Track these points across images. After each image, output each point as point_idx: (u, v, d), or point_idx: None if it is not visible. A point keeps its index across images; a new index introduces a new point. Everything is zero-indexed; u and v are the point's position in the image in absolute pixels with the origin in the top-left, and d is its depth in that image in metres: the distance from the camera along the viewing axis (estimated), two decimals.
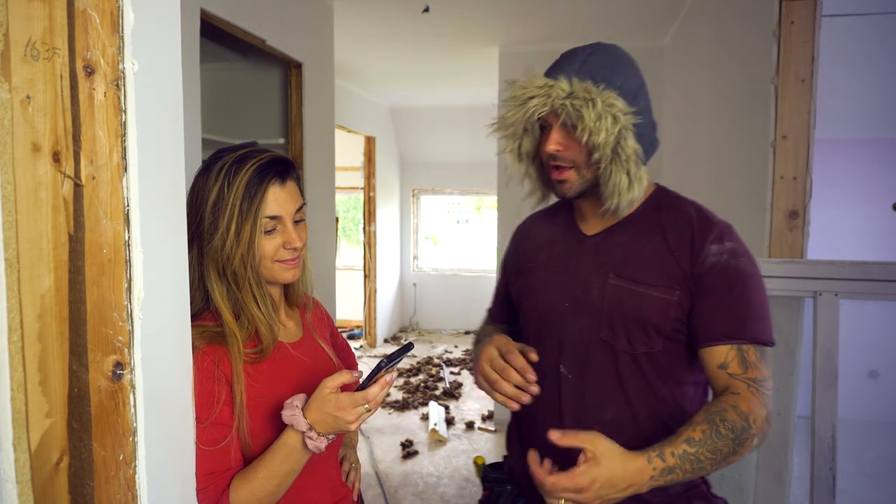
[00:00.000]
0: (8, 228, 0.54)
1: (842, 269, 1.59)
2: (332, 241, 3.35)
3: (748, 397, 0.96)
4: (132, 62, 0.62)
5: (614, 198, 1.02)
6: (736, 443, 0.92)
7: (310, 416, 0.88)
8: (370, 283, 5.98)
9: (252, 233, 0.94)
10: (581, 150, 1.03)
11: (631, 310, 1.03)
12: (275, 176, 0.96)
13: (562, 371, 1.09)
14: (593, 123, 0.98)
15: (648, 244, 1.06)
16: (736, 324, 0.99)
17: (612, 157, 1.00)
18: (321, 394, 0.89)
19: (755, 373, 0.97)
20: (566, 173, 1.05)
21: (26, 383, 0.56)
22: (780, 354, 1.71)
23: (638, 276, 1.04)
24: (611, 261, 1.08)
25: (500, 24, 3.55)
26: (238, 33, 2.39)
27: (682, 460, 0.91)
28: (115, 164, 0.61)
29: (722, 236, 1.03)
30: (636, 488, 0.89)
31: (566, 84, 1.01)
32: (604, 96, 0.99)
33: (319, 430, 0.88)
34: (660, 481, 0.90)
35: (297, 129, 2.93)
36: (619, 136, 0.99)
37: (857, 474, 3.19)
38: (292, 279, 1.02)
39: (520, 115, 1.06)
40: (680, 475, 0.91)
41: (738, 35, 2.20)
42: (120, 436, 0.63)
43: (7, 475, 0.55)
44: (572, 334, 1.09)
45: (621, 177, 1.01)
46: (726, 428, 0.92)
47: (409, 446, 3.72)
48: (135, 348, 0.64)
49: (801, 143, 1.75)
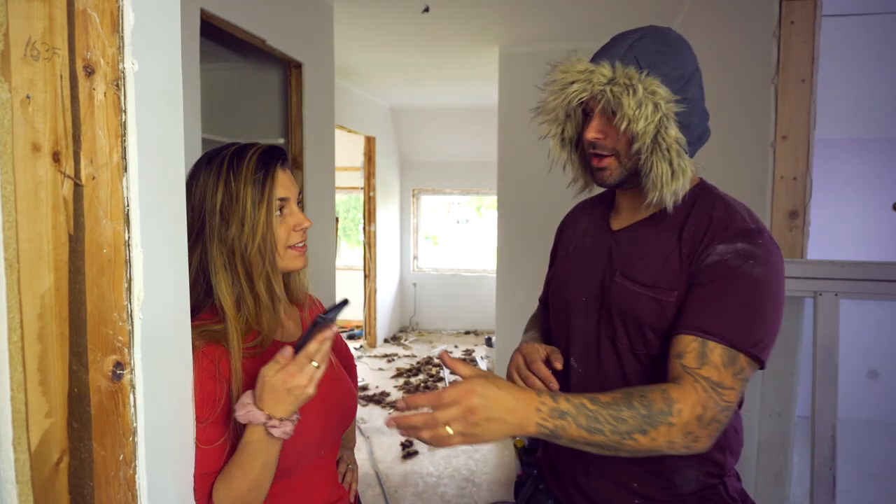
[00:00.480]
0: (8, 228, 0.54)
1: (842, 269, 1.59)
2: (332, 241, 3.35)
3: (687, 390, 0.86)
4: (132, 62, 0.62)
5: (656, 190, 0.97)
6: (645, 421, 0.83)
7: (264, 405, 0.85)
8: (370, 283, 5.98)
9: (268, 217, 0.95)
10: (622, 137, 0.99)
11: (629, 310, 1.01)
12: (279, 160, 0.99)
13: (572, 363, 1.10)
14: (633, 111, 0.93)
15: (661, 243, 1.02)
16: (709, 317, 0.91)
17: (653, 146, 0.95)
18: (265, 381, 0.85)
19: (712, 373, 0.88)
20: (606, 161, 1.02)
21: (26, 383, 0.56)
22: (780, 354, 1.71)
23: (639, 276, 1.02)
24: (622, 259, 1.06)
25: (500, 24, 3.54)
26: (238, 33, 2.39)
27: (577, 410, 0.83)
28: (115, 164, 0.61)
29: (735, 238, 0.94)
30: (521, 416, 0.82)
31: (608, 69, 0.97)
32: (646, 83, 0.94)
33: (280, 415, 0.85)
34: (549, 423, 0.83)
35: (297, 129, 2.93)
36: (660, 124, 0.94)
37: (857, 474, 3.19)
38: (302, 266, 1.03)
39: (560, 101, 1.02)
40: (572, 426, 0.83)
41: (738, 35, 2.20)
42: (120, 436, 0.63)
43: (7, 475, 0.55)
44: (583, 328, 1.09)
45: (663, 167, 0.96)
46: (640, 403, 0.85)
47: (409, 446, 3.72)
48: (135, 348, 0.64)
49: (801, 143, 1.75)
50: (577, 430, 0.83)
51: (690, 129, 1.00)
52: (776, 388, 1.71)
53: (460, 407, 0.81)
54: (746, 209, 1.02)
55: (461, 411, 0.81)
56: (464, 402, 0.81)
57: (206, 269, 0.96)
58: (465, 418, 0.81)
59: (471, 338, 6.63)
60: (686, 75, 1.00)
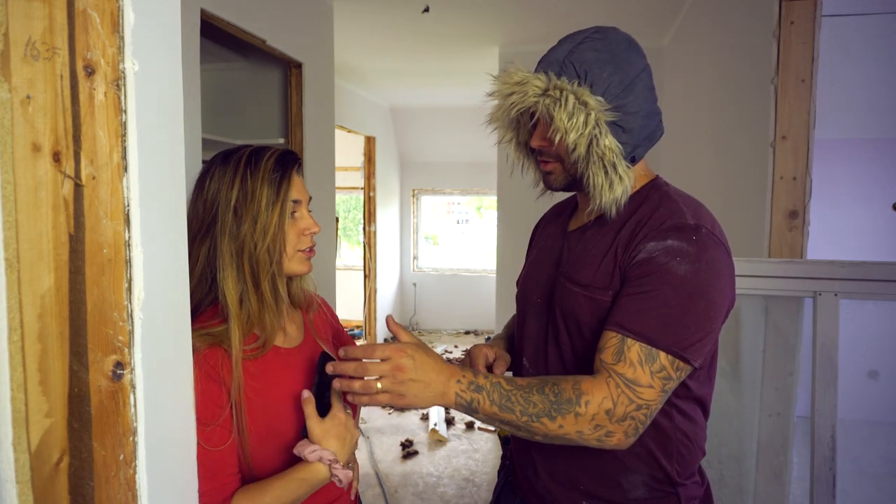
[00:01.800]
0: (8, 228, 0.54)
1: (842, 269, 1.59)
2: (332, 241, 3.35)
3: (599, 384, 0.88)
4: (132, 62, 0.62)
5: (596, 198, 0.98)
6: (553, 408, 0.86)
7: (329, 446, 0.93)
8: (370, 283, 5.98)
9: (280, 218, 0.97)
10: (562, 145, 0.98)
11: (569, 310, 1.02)
12: (294, 164, 1.01)
13: (524, 363, 1.13)
14: (564, 122, 0.93)
15: (601, 244, 1.01)
16: (630, 315, 0.90)
17: (587, 156, 0.95)
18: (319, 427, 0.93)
19: (626, 369, 0.88)
20: (551, 166, 1.04)
21: (26, 383, 0.56)
22: (780, 354, 1.71)
23: (579, 278, 1.01)
24: (569, 259, 1.07)
25: (500, 24, 3.55)
26: (238, 33, 2.39)
27: (492, 387, 0.89)
28: (116, 164, 0.61)
29: (668, 234, 0.92)
30: (443, 384, 0.89)
31: (542, 80, 0.97)
32: (578, 92, 0.93)
33: (341, 459, 0.93)
34: (466, 395, 0.88)
35: (297, 129, 2.93)
36: (593, 134, 0.93)
37: (857, 474, 3.19)
38: (307, 271, 1.05)
39: (501, 111, 1.06)
40: (486, 401, 0.88)
41: (738, 35, 2.20)
42: (120, 436, 0.63)
43: (7, 475, 0.55)
44: (534, 329, 1.11)
45: (600, 177, 0.96)
46: (551, 390, 0.88)
47: (409, 446, 3.71)
48: (135, 348, 0.64)
49: (801, 143, 1.75)
50: (489, 406, 0.88)
51: (633, 133, 0.98)
52: (776, 388, 1.71)
53: (390, 364, 0.87)
54: (695, 206, 0.99)
55: (390, 367, 0.87)
56: (394, 358, 0.87)
57: (213, 263, 0.95)
58: (394, 375, 0.87)
59: (471, 338, 6.63)
60: (627, 79, 0.97)
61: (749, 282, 1.64)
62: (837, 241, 3.80)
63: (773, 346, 1.72)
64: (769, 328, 1.72)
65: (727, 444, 1.77)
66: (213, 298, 0.97)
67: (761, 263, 1.65)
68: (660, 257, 0.91)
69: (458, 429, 4.05)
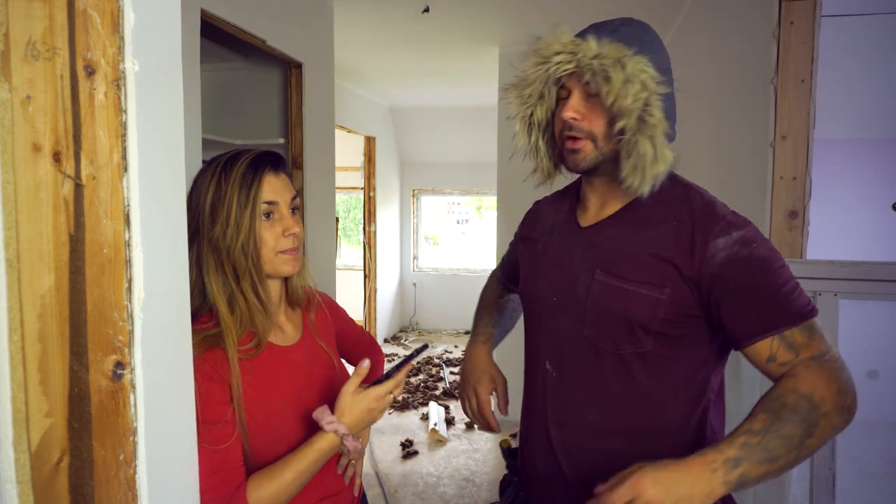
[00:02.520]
0: (8, 228, 0.54)
1: (842, 269, 1.59)
2: (332, 241, 3.35)
3: (806, 376, 0.87)
4: (132, 62, 0.62)
5: (637, 174, 0.94)
6: (807, 424, 0.83)
7: (345, 418, 0.96)
8: (370, 283, 5.98)
9: (252, 220, 0.97)
10: (602, 119, 0.95)
11: (616, 308, 0.97)
12: (268, 165, 1.01)
13: (547, 368, 1.06)
14: (620, 86, 0.90)
15: (642, 239, 0.98)
16: (769, 315, 0.90)
17: (638, 125, 0.92)
18: (348, 398, 0.97)
19: (808, 352, 0.89)
20: (581, 143, 0.97)
21: (26, 383, 0.56)
22: None
23: (626, 273, 0.97)
24: (601, 256, 1.01)
25: (500, 24, 3.55)
26: (238, 33, 2.39)
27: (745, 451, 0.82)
28: (116, 164, 0.61)
29: (727, 228, 0.94)
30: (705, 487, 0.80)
31: (595, 44, 0.94)
32: (634, 60, 0.91)
33: (355, 430, 0.97)
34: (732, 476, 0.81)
35: (297, 129, 2.93)
36: (647, 103, 0.91)
37: (857, 474, 3.19)
38: (293, 272, 1.04)
39: (541, 73, 0.98)
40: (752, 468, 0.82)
41: (737, 35, 2.20)
42: (120, 436, 0.63)
43: (7, 475, 0.55)
44: (558, 331, 1.05)
45: (646, 147, 0.92)
46: (789, 412, 0.84)
47: (409, 446, 3.71)
48: (135, 348, 0.64)
49: (801, 143, 1.75)
50: (758, 468, 0.82)
51: (669, 114, 0.98)
52: None
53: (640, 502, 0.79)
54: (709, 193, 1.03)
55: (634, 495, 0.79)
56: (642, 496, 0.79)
57: (200, 268, 0.98)
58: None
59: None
60: (668, 62, 0.99)
61: None
62: (837, 241, 3.81)
63: None
64: None
65: None
66: (211, 301, 0.98)
67: None
68: (740, 251, 0.92)
69: (458, 429, 4.05)
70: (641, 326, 0.96)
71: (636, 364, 0.97)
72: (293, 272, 1.04)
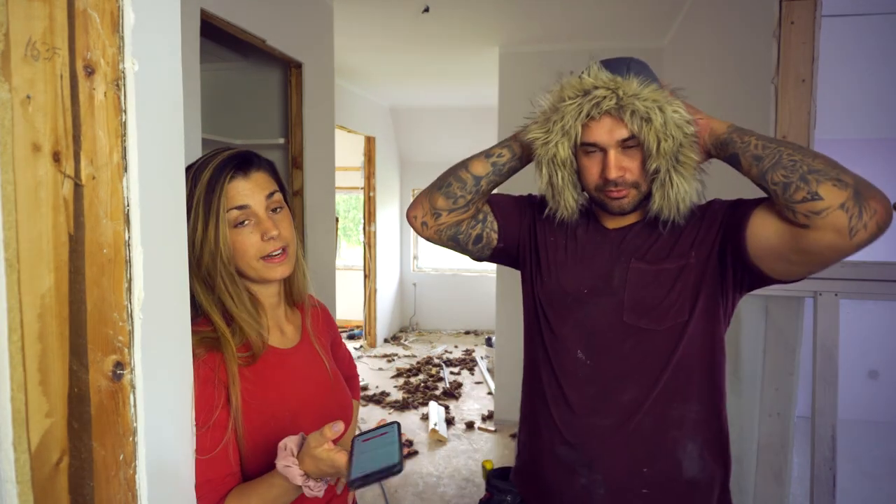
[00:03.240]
0: (8, 228, 0.54)
1: (842, 269, 1.59)
2: (332, 241, 3.35)
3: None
4: (132, 62, 0.62)
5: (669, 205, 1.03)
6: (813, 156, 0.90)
7: (304, 467, 0.86)
8: (370, 283, 5.98)
9: (216, 229, 0.93)
10: (639, 165, 1.03)
11: (653, 288, 1.05)
12: (233, 170, 0.95)
13: (579, 356, 1.10)
14: (661, 128, 0.98)
15: (667, 236, 1.09)
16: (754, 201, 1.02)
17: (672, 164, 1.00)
18: (311, 452, 0.85)
19: None
20: (625, 191, 1.05)
21: (26, 383, 0.56)
22: (780, 354, 1.71)
23: (658, 260, 1.07)
24: (632, 249, 1.10)
25: (500, 24, 3.54)
26: (238, 33, 2.39)
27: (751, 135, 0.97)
28: (115, 164, 0.61)
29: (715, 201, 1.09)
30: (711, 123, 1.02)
31: (636, 83, 0.99)
32: (672, 104, 0.99)
33: (316, 478, 0.87)
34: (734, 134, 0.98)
35: (297, 129, 2.93)
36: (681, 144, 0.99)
37: (857, 474, 3.19)
38: (282, 276, 1.00)
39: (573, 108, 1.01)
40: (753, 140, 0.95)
41: (738, 35, 2.20)
42: (120, 436, 0.63)
43: (7, 475, 0.55)
44: (592, 319, 1.09)
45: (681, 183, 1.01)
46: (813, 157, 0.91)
47: (408, 446, 3.72)
48: (135, 348, 0.64)
49: (801, 143, 1.75)
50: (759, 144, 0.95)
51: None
52: (776, 388, 1.71)
53: None
54: None
55: None
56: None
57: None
58: None
59: (471, 338, 6.62)
60: None
61: None
62: None
63: (773, 346, 1.72)
64: (769, 328, 1.72)
65: None
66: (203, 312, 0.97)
67: None
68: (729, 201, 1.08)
69: (458, 429, 4.05)
70: (678, 296, 1.04)
71: (675, 336, 1.04)
72: (282, 276, 1.00)
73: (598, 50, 3.91)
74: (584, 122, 1.02)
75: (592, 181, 1.06)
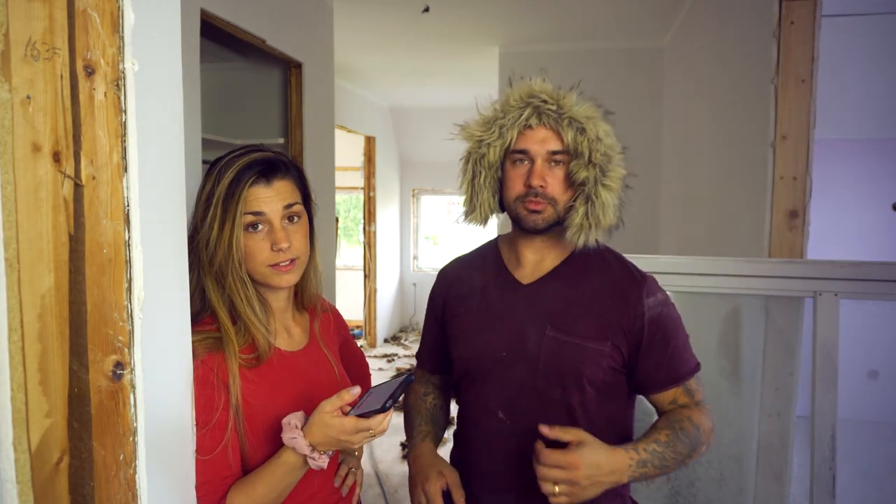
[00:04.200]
0: (8, 228, 0.54)
1: (842, 269, 1.59)
2: (332, 241, 3.35)
3: (698, 413, 1.09)
4: (132, 62, 0.62)
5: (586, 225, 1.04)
6: (691, 448, 1.04)
7: (311, 437, 0.88)
8: (370, 283, 5.98)
9: (232, 230, 0.93)
10: (561, 185, 1.05)
11: (568, 363, 1.06)
12: (256, 175, 0.95)
13: (500, 416, 1.11)
14: (594, 139, 1.03)
15: (583, 294, 1.09)
16: (678, 370, 1.09)
17: (600, 177, 1.04)
18: (321, 417, 0.88)
19: (698, 395, 1.12)
20: (542, 205, 1.05)
21: (26, 383, 0.56)
22: (780, 354, 1.71)
23: (574, 328, 1.06)
24: (548, 311, 1.08)
25: (500, 24, 3.54)
26: (238, 33, 2.39)
27: (651, 456, 1.01)
28: (115, 164, 0.61)
29: (651, 289, 1.09)
30: (618, 476, 0.97)
31: (575, 98, 1.05)
32: (603, 124, 1.05)
33: (322, 450, 0.89)
34: (636, 473, 0.99)
35: (297, 129, 2.93)
36: (610, 160, 1.04)
37: (857, 474, 3.19)
38: (287, 284, 1.00)
39: (515, 113, 1.06)
40: (650, 470, 1.00)
41: (738, 35, 2.20)
42: (120, 436, 0.63)
43: (7, 475, 0.55)
44: (510, 383, 1.09)
45: (607, 197, 1.03)
46: (684, 435, 1.04)
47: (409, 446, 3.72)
48: (135, 348, 0.64)
49: (801, 143, 1.75)
50: (653, 471, 1.01)
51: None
52: (776, 388, 1.71)
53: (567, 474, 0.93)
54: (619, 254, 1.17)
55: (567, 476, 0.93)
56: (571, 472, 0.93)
57: (199, 275, 0.96)
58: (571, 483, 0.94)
59: None
60: None
61: (749, 282, 1.64)
62: (837, 241, 3.81)
63: (773, 346, 1.72)
64: (769, 328, 1.72)
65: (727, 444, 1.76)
66: (211, 308, 0.97)
67: (761, 263, 1.65)
68: (663, 310, 1.08)
69: None
70: (588, 379, 1.06)
71: (579, 412, 1.07)
72: (288, 285, 1.01)
73: (598, 50, 3.91)
74: (520, 130, 1.06)
75: (514, 190, 1.07)
